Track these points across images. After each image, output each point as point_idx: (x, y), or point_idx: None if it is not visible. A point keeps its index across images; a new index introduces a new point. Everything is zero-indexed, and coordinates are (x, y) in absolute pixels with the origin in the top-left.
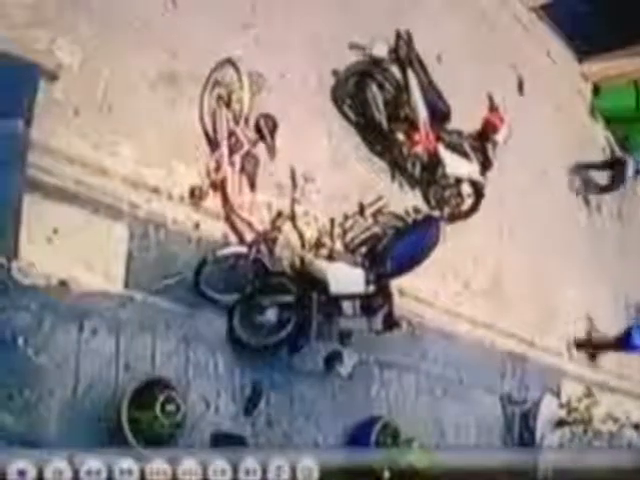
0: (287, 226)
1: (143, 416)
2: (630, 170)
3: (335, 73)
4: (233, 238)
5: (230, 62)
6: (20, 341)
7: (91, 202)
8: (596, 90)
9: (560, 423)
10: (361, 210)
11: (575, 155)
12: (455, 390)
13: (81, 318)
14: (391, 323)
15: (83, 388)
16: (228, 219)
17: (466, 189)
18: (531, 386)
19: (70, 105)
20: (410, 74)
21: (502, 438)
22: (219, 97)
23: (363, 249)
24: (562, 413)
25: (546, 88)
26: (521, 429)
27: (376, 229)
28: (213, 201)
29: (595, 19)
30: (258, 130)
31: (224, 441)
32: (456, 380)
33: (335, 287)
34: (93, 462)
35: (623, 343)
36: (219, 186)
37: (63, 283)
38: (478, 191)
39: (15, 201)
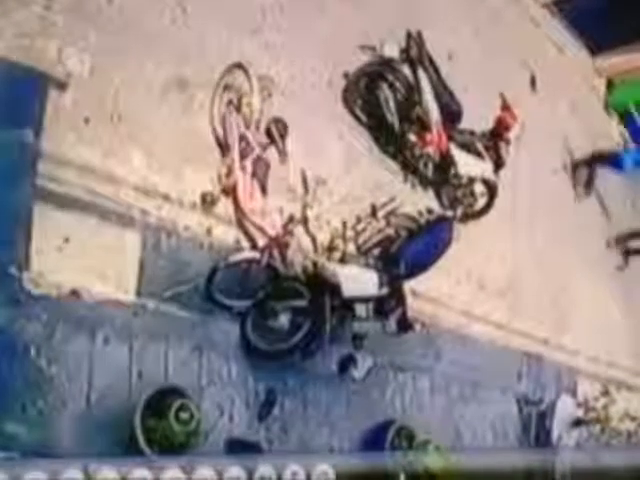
0: (299, 230)
1: (157, 424)
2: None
3: (346, 75)
4: (245, 243)
5: (240, 66)
6: (32, 351)
7: (102, 210)
8: (610, 85)
9: (577, 423)
10: (373, 212)
11: (589, 151)
12: (470, 391)
13: (93, 327)
14: (405, 325)
15: (96, 397)
16: (240, 224)
17: (479, 188)
18: (547, 386)
19: (80, 114)
20: (421, 74)
21: (519, 439)
22: (229, 102)
23: (376, 251)
24: (579, 412)
25: (559, 84)
26: (538, 429)
27: (389, 231)
28: (225, 207)
29: (608, 14)
30: (269, 134)
31: (239, 448)
32: (471, 381)
33: (348, 290)
34: (107, 471)
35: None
36: (230, 191)
37: (74, 292)
38: (491, 190)
39: (25, 211)
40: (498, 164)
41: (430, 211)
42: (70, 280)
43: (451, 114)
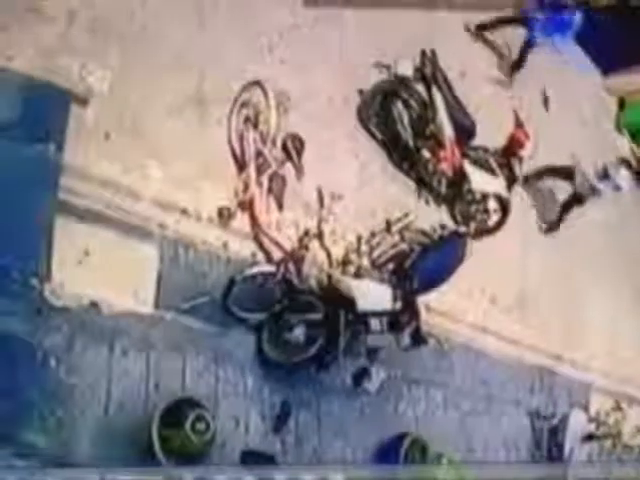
0: (314, 244)
1: (173, 434)
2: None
3: (361, 92)
4: (261, 257)
5: (257, 83)
6: (52, 362)
7: (121, 224)
8: (621, 104)
9: (589, 437)
10: (388, 227)
11: (600, 167)
12: (483, 405)
13: (112, 338)
14: (418, 339)
15: (114, 407)
16: (256, 238)
17: (492, 205)
18: (559, 400)
19: (100, 129)
20: (435, 92)
21: (531, 453)
22: (246, 118)
23: (390, 266)
24: (591, 427)
25: (571, 103)
26: (550, 444)
27: (403, 246)
28: (241, 221)
29: (619, 33)
30: (285, 150)
31: (253, 459)
32: (484, 395)
33: (362, 304)
34: None
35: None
36: (247, 206)
37: (94, 304)
38: (504, 206)
39: (47, 223)
40: (511, 181)
41: (443, 227)
42: (90, 292)
43: (465, 131)
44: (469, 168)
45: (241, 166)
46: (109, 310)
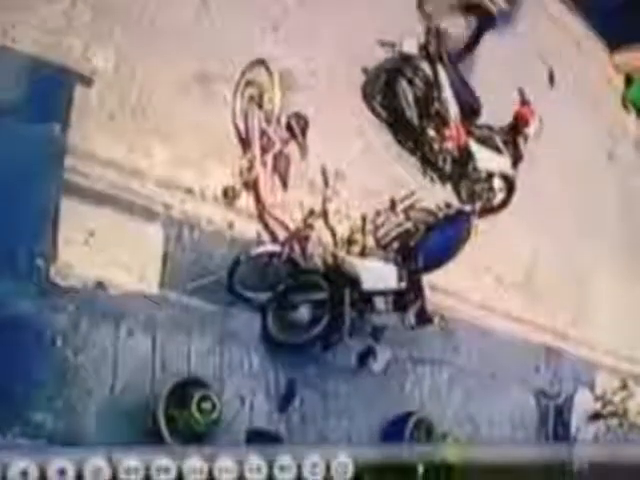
0: (319, 224)
1: (179, 414)
2: None
3: (365, 70)
4: (266, 237)
5: (261, 62)
6: (59, 342)
7: (126, 204)
8: (628, 81)
9: (595, 416)
10: (392, 206)
11: (607, 146)
12: (489, 384)
13: (117, 319)
14: (424, 318)
15: (120, 387)
16: (261, 218)
17: (497, 183)
18: (565, 379)
19: (105, 109)
20: (440, 70)
21: (536, 432)
22: (251, 97)
23: (395, 245)
24: (597, 406)
25: (577, 80)
26: (555, 423)
27: (408, 225)
28: (246, 201)
29: (626, 10)
30: (289, 129)
31: (259, 438)
32: (489, 374)
33: (367, 283)
34: (131, 460)
35: None
36: (252, 186)
37: (100, 284)
38: (510, 185)
39: (53, 204)
40: (516, 159)
41: (449, 205)
42: (95, 272)
43: (470, 109)
44: (474, 146)
45: (246, 145)
46: (115, 290)
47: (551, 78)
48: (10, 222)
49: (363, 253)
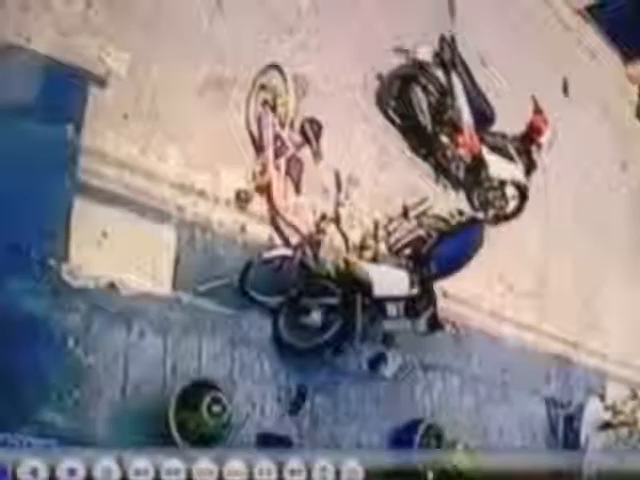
0: (331, 229)
1: (190, 417)
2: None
3: (379, 77)
4: (278, 241)
5: (275, 67)
6: (70, 342)
7: (139, 205)
8: None
9: (605, 426)
10: (405, 212)
11: (621, 156)
12: (499, 392)
13: (129, 320)
14: (435, 325)
15: (131, 389)
16: (273, 222)
17: (510, 191)
18: (576, 388)
19: (119, 110)
20: (454, 77)
21: (546, 441)
22: (265, 101)
23: (407, 251)
24: (607, 416)
25: (591, 90)
26: (566, 431)
27: (420, 231)
28: (259, 204)
29: None
30: (303, 134)
31: (269, 441)
32: (500, 382)
33: (379, 289)
34: (141, 462)
35: None
36: (265, 189)
37: (112, 285)
38: (522, 193)
39: (66, 205)
40: (529, 167)
41: (461, 213)
42: (108, 273)
43: (483, 117)
44: (487, 154)
45: (259, 149)
46: (127, 291)
47: (565, 88)
48: (23, 222)
49: (375, 259)
